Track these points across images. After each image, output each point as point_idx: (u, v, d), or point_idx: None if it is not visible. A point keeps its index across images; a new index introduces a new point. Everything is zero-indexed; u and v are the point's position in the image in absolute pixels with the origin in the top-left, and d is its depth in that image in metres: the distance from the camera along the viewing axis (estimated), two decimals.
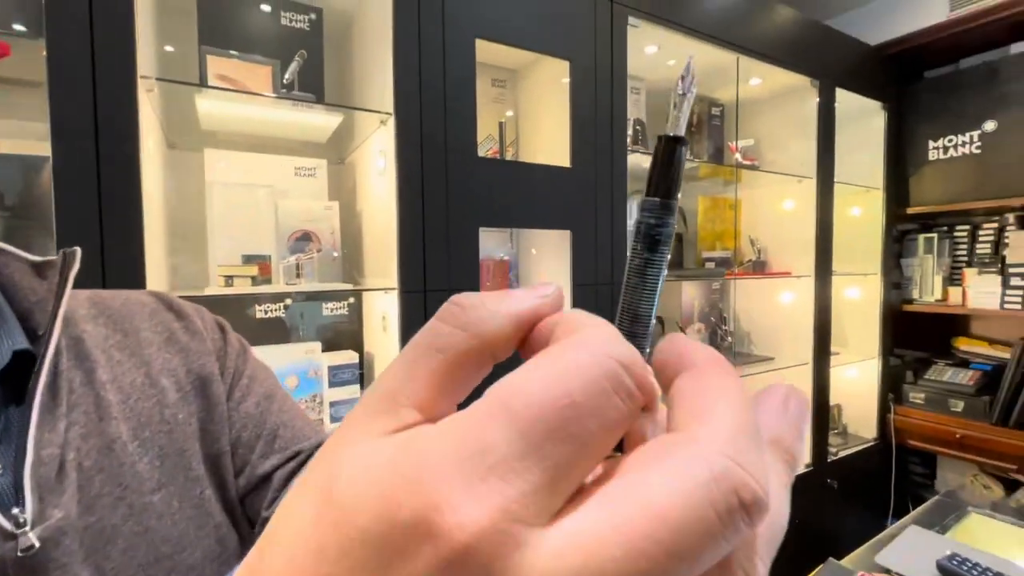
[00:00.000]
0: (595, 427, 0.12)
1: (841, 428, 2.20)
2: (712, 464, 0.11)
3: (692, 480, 0.11)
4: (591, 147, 1.35)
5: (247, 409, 0.49)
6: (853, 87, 1.98)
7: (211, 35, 1.14)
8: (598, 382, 0.12)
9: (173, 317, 0.47)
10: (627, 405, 0.12)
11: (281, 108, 1.20)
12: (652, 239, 0.18)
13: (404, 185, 1.10)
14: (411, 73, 1.10)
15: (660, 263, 0.18)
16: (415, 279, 1.11)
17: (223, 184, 1.17)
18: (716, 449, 0.12)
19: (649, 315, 0.18)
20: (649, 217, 0.18)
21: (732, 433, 0.12)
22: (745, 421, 0.13)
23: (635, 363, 0.13)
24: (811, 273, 1.90)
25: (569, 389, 0.12)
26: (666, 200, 0.18)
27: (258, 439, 0.48)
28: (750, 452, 0.12)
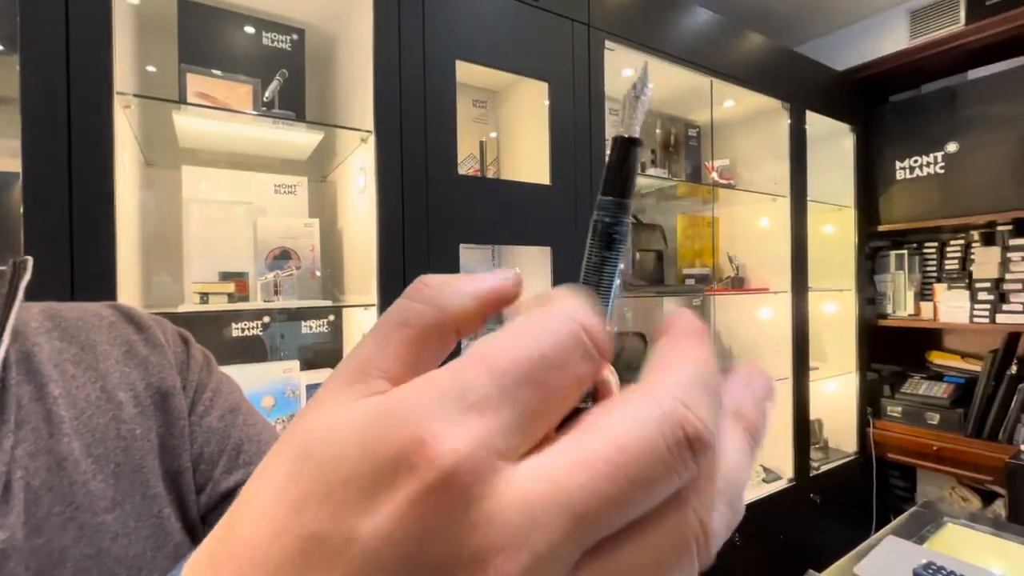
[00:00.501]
0: (561, 378, 0.13)
1: (822, 442, 2.21)
2: (663, 404, 0.13)
3: (645, 416, 0.13)
4: (570, 165, 1.37)
5: (210, 423, 0.48)
6: (822, 110, 2.05)
7: (192, 54, 1.14)
8: (564, 340, 0.13)
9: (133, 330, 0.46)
10: (587, 363, 0.14)
11: (261, 126, 1.20)
12: (608, 237, 0.18)
13: (384, 202, 1.10)
14: (392, 92, 1.11)
15: (615, 260, 0.18)
16: (395, 295, 1.10)
17: (201, 201, 1.16)
18: (668, 393, 0.13)
19: (605, 311, 0.18)
20: (605, 216, 0.18)
21: (686, 383, 0.14)
22: (701, 375, 0.14)
23: (596, 327, 0.14)
24: (788, 289, 1.94)
25: (539, 345, 0.13)
26: (621, 199, 0.18)
27: (221, 454, 0.47)
28: (699, 398, 0.13)
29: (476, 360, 0.13)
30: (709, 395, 0.14)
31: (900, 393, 2.17)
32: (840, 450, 2.23)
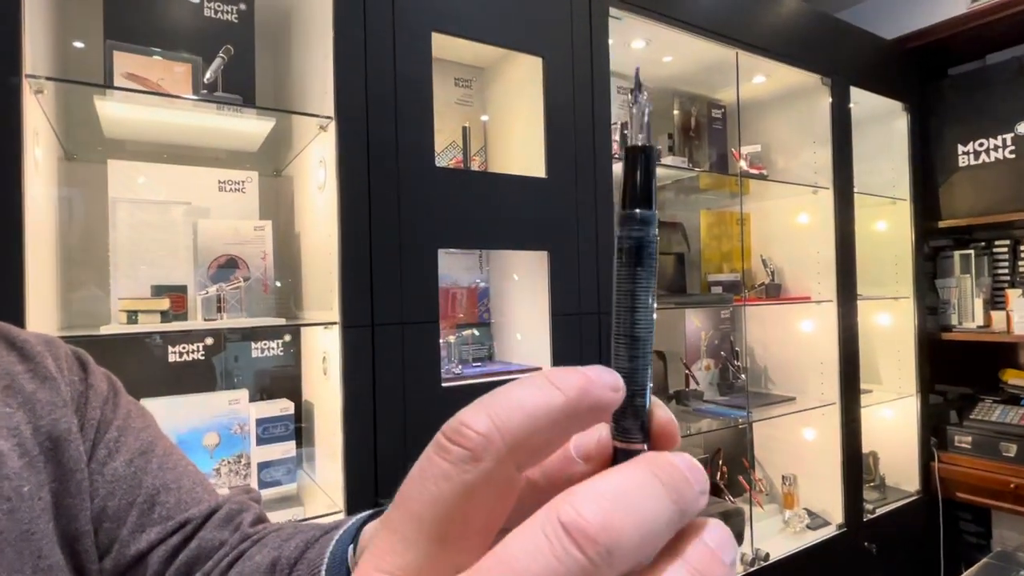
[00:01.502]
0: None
1: (878, 480, 2.19)
2: (551, 507, 0.16)
3: (536, 519, 0.16)
4: (570, 155, 1.37)
5: (115, 470, 0.46)
6: (869, 86, 2.05)
7: (119, 28, 1.14)
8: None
9: (15, 359, 0.45)
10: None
11: (203, 112, 1.19)
12: (637, 254, 0.20)
13: (347, 200, 1.09)
14: (355, 70, 1.11)
15: (650, 278, 0.20)
16: (360, 311, 1.10)
17: (130, 201, 1.16)
18: (562, 499, 0.16)
19: (648, 336, 0.20)
20: (629, 231, 0.20)
21: (585, 490, 0.16)
22: (614, 488, 0.16)
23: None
24: (833, 297, 1.93)
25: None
26: (644, 211, 0.20)
27: (130, 508, 0.46)
28: (593, 500, 0.16)
29: None
30: (611, 502, 0.16)
31: (969, 420, 2.15)
32: (899, 489, 2.21)
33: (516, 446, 0.17)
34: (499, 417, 0.17)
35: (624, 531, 0.15)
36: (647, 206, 0.20)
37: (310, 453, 1.31)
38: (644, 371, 0.20)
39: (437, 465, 0.17)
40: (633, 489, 0.16)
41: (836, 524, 1.90)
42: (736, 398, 1.94)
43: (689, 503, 0.17)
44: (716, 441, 2.02)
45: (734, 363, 2.05)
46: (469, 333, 1.51)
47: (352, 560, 0.39)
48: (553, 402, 0.17)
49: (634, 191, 0.20)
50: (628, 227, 0.20)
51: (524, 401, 0.17)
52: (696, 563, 0.17)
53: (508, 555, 0.15)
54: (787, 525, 1.88)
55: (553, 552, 0.15)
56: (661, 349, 1.97)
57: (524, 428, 0.17)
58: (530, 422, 0.17)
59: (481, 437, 0.16)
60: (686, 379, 1.97)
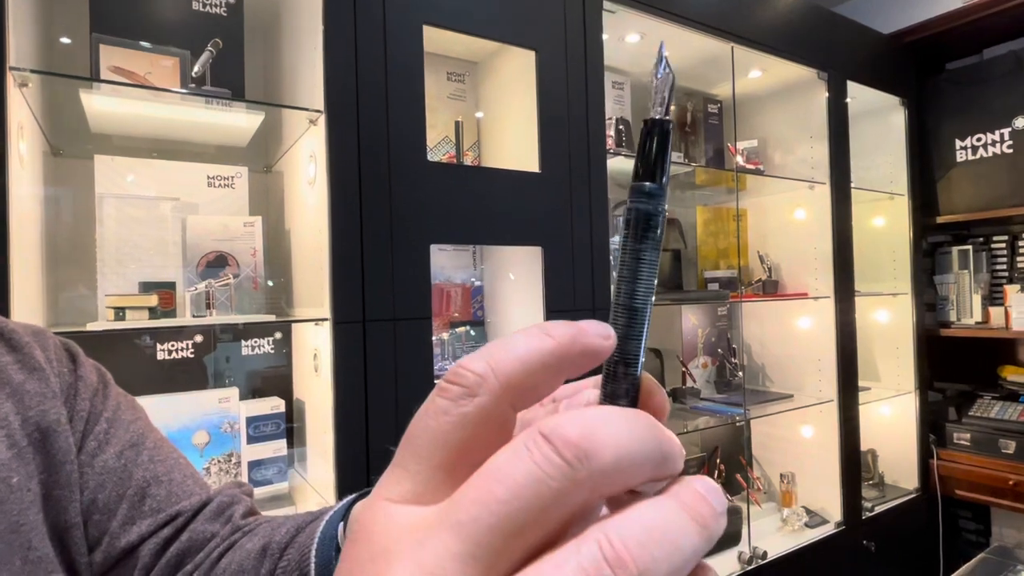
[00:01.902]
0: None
1: (877, 478, 2.21)
2: (533, 430, 0.17)
3: (517, 441, 0.17)
4: (563, 150, 1.38)
5: (105, 462, 0.47)
6: (866, 80, 2.07)
7: (106, 21, 1.14)
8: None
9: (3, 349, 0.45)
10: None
11: (191, 107, 1.20)
12: (645, 225, 0.20)
13: (338, 195, 1.10)
14: (346, 63, 1.11)
15: (655, 251, 0.20)
16: (351, 307, 1.10)
17: (117, 197, 1.16)
18: (543, 423, 0.17)
19: (645, 307, 0.21)
20: (638, 202, 0.20)
21: (565, 417, 0.17)
22: (597, 414, 0.17)
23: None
24: (831, 294, 1.94)
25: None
26: (656, 184, 0.20)
27: (120, 500, 0.46)
28: (573, 418, 0.17)
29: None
30: (590, 419, 0.17)
31: (968, 417, 2.17)
32: (898, 487, 2.23)
33: (510, 385, 0.18)
34: (494, 359, 0.18)
35: (605, 443, 0.16)
36: (657, 179, 0.20)
37: (302, 452, 1.31)
38: (637, 340, 0.21)
39: (437, 403, 0.18)
40: (618, 417, 0.17)
41: (835, 522, 1.91)
42: (733, 396, 1.95)
43: (672, 460, 0.18)
44: (713, 439, 2.03)
45: (731, 360, 2.06)
46: (463, 331, 1.52)
47: (342, 536, 0.40)
48: (544, 346, 0.18)
49: (645, 163, 0.21)
50: (636, 199, 0.20)
51: (518, 345, 0.18)
52: (687, 500, 0.17)
53: (492, 465, 0.16)
54: (785, 523, 1.89)
55: (532, 457, 0.16)
56: (657, 347, 1.98)
57: (517, 369, 0.18)
58: (522, 364, 0.18)
59: (477, 376, 0.18)
60: (683, 377, 1.98)
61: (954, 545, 2.24)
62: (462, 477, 0.17)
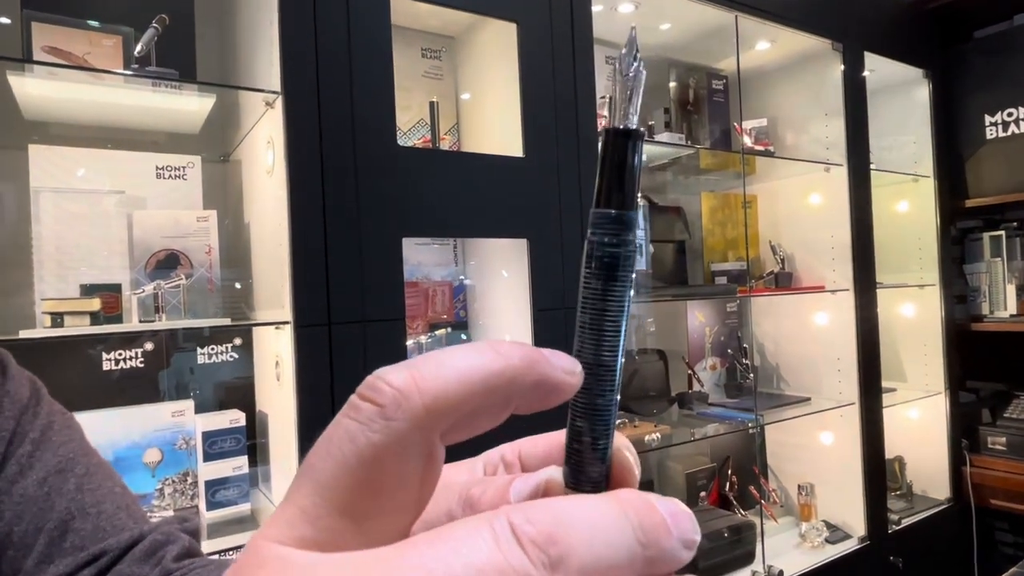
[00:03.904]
0: None
1: (904, 488, 2.20)
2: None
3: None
4: (550, 132, 1.37)
5: (25, 491, 0.45)
6: (886, 51, 2.06)
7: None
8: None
9: None
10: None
11: (136, 90, 1.19)
12: (610, 264, 0.18)
13: (297, 184, 1.09)
14: (305, 39, 1.10)
15: (623, 294, 0.18)
16: (315, 309, 1.09)
17: (55, 191, 1.15)
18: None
19: (614, 364, 0.18)
20: (603, 235, 0.18)
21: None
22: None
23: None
24: (850, 286, 1.93)
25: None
26: (623, 211, 0.18)
27: (38, 534, 0.45)
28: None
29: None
30: (564, 516, 0.15)
31: (1004, 419, 2.16)
32: (928, 497, 2.22)
33: (437, 409, 0.16)
34: (421, 374, 0.16)
35: (577, 550, 0.15)
36: (626, 205, 0.18)
37: (265, 471, 1.30)
38: (607, 408, 0.19)
39: (344, 425, 0.16)
40: (595, 518, 0.16)
41: (858, 537, 1.90)
42: (745, 400, 1.94)
43: (663, 552, 0.16)
44: (724, 448, 2.02)
45: (742, 361, 2.05)
46: (444, 333, 1.51)
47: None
48: (490, 365, 0.16)
49: (610, 184, 0.18)
50: (601, 230, 0.18)
51: (455, 361, 0.16)
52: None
53: (446, 534, 0.15)
54: (804, 539, 1.88)
55: (498, 546, 0.15)
56: (661, 348, 1.97)
57: (450, 390, 0.16)
58: (458, 385, 0.16)
59: (396, 392, 0.16)
60: (689, 380, 1.97)
61: (990, 559, 2.23)
62: (373, 523, 0.16)
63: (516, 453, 0.24)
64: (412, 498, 0.17)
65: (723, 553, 1.67)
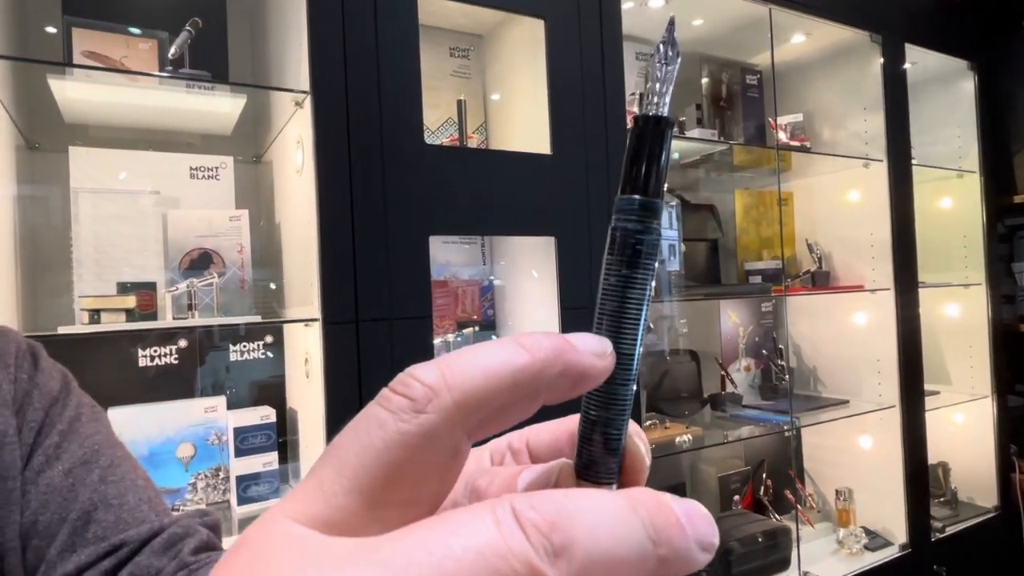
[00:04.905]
0: None
1: (949, 495, 2.13)
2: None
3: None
4: (577, 129, 1.35)
5: (51, 481, 0.46)
6: (928, 42, 2.00)
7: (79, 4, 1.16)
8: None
9: None
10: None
11: (171, 92, 1.21)
12: (633, 250, 0.18)
13: (325, 182, 1.10)
14: (333, 38, 1.11)
15: (645, 282, 0.18)
16: (343, 306, 1.10)
17: (93, 192, 1.18)
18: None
19: (633, 353, 0.18)
20: (627, 221, 0.18)
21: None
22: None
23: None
24: (890, 286, 1.88)
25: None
26: (650, 198, 0.18)
27: (62, 524, 0.45)
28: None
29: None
30: (571, 506, 0.15)
31: None
32: (974, 504, 2.15)
33: (466, 404, 0.16)
34: (450, 370, 0.16)
35: (581, 540, 0.15)
36: (652, 192, 0.18)
37: (296, 467, 1.32)
38: (624, 399, 0.18)
39: (374, 414, 0.16)
40: (601, 511, 0.15)
41: (899, 544, 1.85)
42: (780, 402, 1.90)
43: (677, 552, 0.16)
44: (759, 451, 1.99)
45: (777, 362, 2.00)
46: (471, 332, 1.50)
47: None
48: (516, 361, 0.16)
49: (636, 171, 0.18)
50: (625, 217, 0.18)
51: (482, 358, 0.17)
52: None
53: (448, 518, 0.15)
54: (841, 545, 1.83)
55: (500, 530, 0.14)
56: (693, 348, 1.94)
57: (478, 386, 0.16)
58: (485, 381, 0.16)
59: (426, 388, 0.16)
60: (722, 381, 1.94)
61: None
62: (388, 512, 0.16)
63: (524, 441, 0.23)
64: (431, 491, 0.17)
65: (757, 559, 1.63)
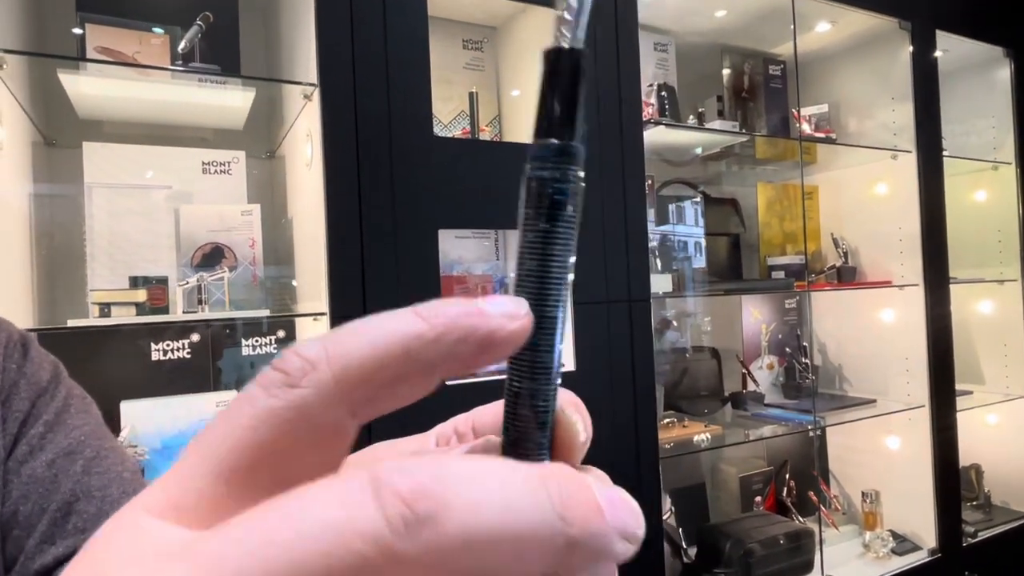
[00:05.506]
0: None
1: (982, 498, 2.07)
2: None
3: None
4: (592, 121, 1.33)
5: (33, 471, 0.45)
6: (960, 28, 1.94)
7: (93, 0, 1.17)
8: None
9: None
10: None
11: (183, 86, 1.22)
12: (552, 201, 0.16)
13: (333, 176, 1.09)
14: (340, 29, 1.11)
15: (567, 237, 0.17)
16: (351, 300, 1.09)
17: (107, 187, 1.19)
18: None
19: (557, 315, 0.17)
20: (543, 170, 0.16)
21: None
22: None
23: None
24: (919, 281, 1.83)
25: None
26: (567, 143, 0.16)
27: (42, 515, 0.45)
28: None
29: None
30: (445, 471, 0.13)
31: None
32: (1008, 508, 2.09)
33: (346, 379, 0.14)
34: (334, 342, 0.15)
35: (456, 510, 0.13)
36: (572, 135, 0.16)
37: None
38: (549, 366, 0.17)
39: (248, 391, 0.15)
40: (496, 479, 0.14)
41: (928, 549, 1.80)
42: (804, 401, 1.86)
43: (591, 536, 0.14)
44: (782, 451, 1.95)
45: (801, 360, 1.96)
46: None
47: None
48: (407, 330, 0.15)
49: (550, 113, 0.16)
50: (540, 165, 0.16)
51: (370, 328, 0.15)
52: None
53: (293, 496, 0.13)
54: (868, 549, 1.79)
55: (346, 502, 0.13)
56: (714, 345, 1.91)
57: (364, 357, 0.14)
58: (371, 351, 0.14)
59: (304, 361, 0.14)
60: (743, 380, 1.90)
61: None
62: (258, 495, 0.14)
63: (470, 424, 0.22)
64: (309, 473, 0.15)
65: (779, 561, 1.60)
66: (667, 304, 1.80)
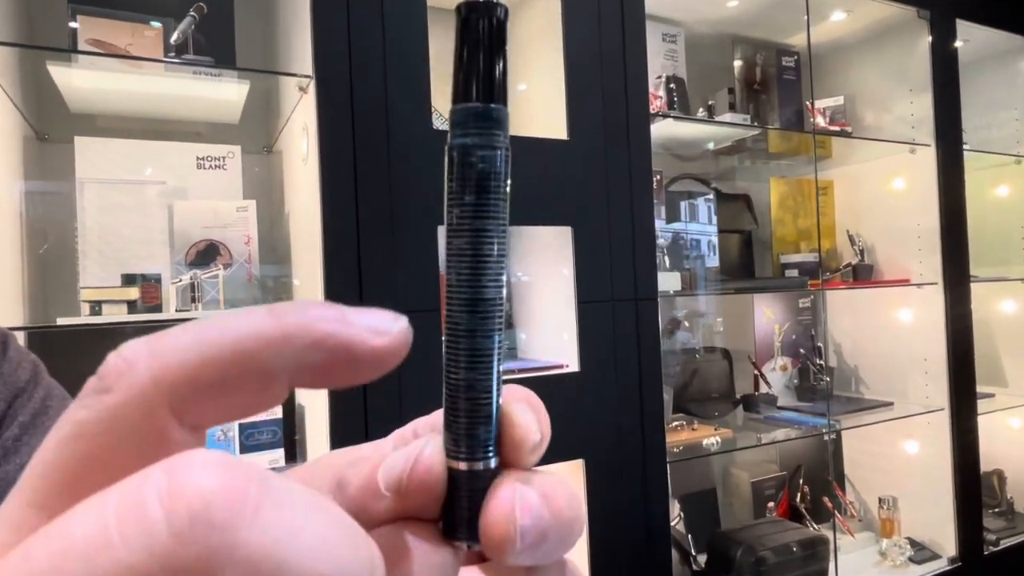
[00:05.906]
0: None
1: (1004, 505, 2.03)
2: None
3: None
4: (596, 114, 1.30)
5: (6, 475, 0.44)
6: (981, 17, 1.89)
7: None
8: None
9: None
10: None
11: (176, 79, 1.20)
12: (478, 172, 0.15)
13: (328, 170, 1.07)
14: (336, 19, 1.08)
15: (497, 209, 0.15)
16: (346, 297, 1.06)
17: (99, 182, 1.17)
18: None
19: (494, 297, 0.16)
20: (465, 137, 0.15)
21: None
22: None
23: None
24: (939, 280, 1.80)
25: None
26: (491, 105, 0.15)
27: None
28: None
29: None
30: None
31: None
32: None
33: (165, 380, 0.13)
34: (159, 338, 0.14)
35: (248, 519, 0.12)
36: (495, 97, 0.15)
37: None
38: (487, 352, 0.15)
39: (69, 406, 0.14)
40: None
41: (948, 557, 1.77)
42: (819, 404, 1.82)
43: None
44: (796, 455, 1.91)
45: (816, 361, 1.92)
46: None
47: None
48: (245, 329, 0.13)
49: (469, 75, 0.15)
50: (462, 131, 0.15)
51: (204, 325, 0.14)
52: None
53: (75, 510, 0.12)
54: (884, 557, 1.75)
55: (119, 508, 0.11)
56: (725, 346, 1.87)
57: (187, 356, 0.13)
58: (197, 349, 0.13)
59: (122, 362, 0.13)
60: (755, 381, 1.86)
61: None
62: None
63: (429, 426, 0.20)
64: None
65: (793, 569, 1.56)
66: (677, 303, 1.77)
